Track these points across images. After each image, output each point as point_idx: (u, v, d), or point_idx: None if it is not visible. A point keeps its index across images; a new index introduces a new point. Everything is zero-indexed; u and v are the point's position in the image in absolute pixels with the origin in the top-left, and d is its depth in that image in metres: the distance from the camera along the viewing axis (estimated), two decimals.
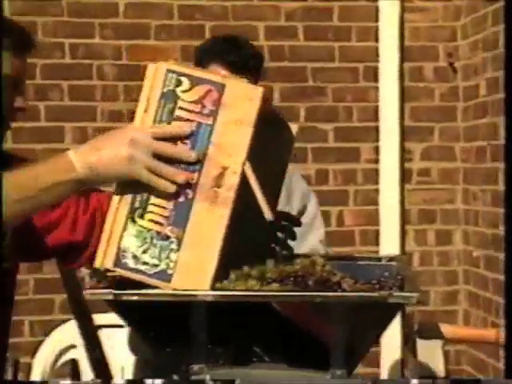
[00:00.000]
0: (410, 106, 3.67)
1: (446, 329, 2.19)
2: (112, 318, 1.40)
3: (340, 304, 1.24)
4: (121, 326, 2.30)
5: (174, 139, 1.25)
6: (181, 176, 1.23)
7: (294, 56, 3.59)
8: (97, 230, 1.55)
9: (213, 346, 1.28)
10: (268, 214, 1.29)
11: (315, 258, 1.39)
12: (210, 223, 1.24)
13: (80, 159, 1.27)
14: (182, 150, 1.24)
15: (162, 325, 1.28)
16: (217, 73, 1.52)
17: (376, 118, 3.64)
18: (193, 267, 1.24)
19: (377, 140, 3.62)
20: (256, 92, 1.25)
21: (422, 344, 2.06)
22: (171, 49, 3.57)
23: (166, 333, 1.28)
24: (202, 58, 2.03)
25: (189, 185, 1.24)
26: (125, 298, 1.21)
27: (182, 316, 1.26)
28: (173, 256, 1.24)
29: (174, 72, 1.27)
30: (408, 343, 1.85)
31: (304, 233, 1.99)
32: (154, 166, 1.24)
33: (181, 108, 1.25)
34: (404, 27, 3.67)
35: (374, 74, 3.63)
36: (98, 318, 2.40)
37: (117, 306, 1.25)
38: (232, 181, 1.24)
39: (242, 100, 1.24)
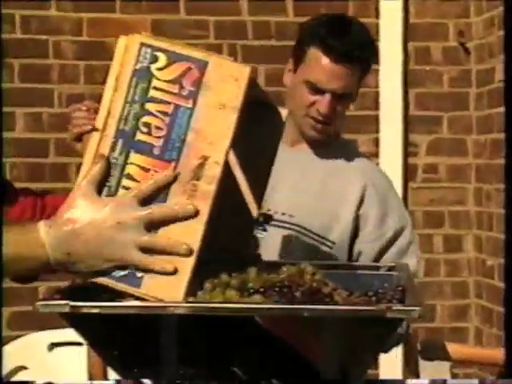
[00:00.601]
0: (415, 93, 3.69)
1: (453, 348, 2.21)
2: (68, 334, 1.40)
3: (331, 319, 1.25)
4: (79, 344, 2.31)
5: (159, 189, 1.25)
6: (182, 246, 1.25)
7: (281, 34, 3.60)
8: None
9: (185, 365, 1.29)
10: (254, 210, 1.30)
11: (304, 265, 1.40)
12: (185, 224, 1.24)
13: (53, 242, 1.26)
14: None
15: (127, 342, 1.28)
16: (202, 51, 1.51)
17: (376, 105, 3.65)
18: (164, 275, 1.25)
19: (377, 131, 3.64)
20: (243, 71, 1.25)
21: (425, 366, 2.07)
22: (140, 24, 3.57)
23: (133, 351, 1.29)
24: (303, 40, 2.04)
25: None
26: (84, 310, 1.22)
27: (150, 332, 1.27)
28: None
29: (149, 46, 1.27)
30: (410, 365, 1.86)
31: (397, 259, 2.02)
32: (148, 243, 1.25)
33: (156, 88, 1.26)
34: (408, 1, 3.69)
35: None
36: (51, 335, 2.40)
37: (74, 320, 1.25)
38: (213, 172, 1.24)
39: (227, 80, 1.24)
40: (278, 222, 2.01)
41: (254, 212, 1.32)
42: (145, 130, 1.26)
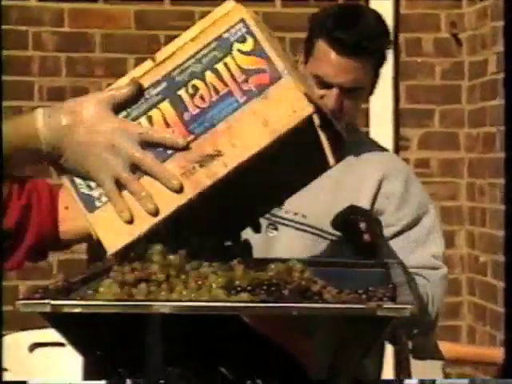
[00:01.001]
0: (406, 85, 3.70)
1: (445, 347, 2.21)
2: (50, 334, 1.40)
3: (320, 317, 1.25)
4: (61, 345, 2.30)
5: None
6: (149, 205, 1.26)
7: (269, 25, 3.58)
8: (33, 217, 1.59)
9: (171, 365, 1.29)
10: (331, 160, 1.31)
11: (292, 263, 1.40)
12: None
13: (48, 135, 1.28)
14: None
15: (110, 341, 1.28)
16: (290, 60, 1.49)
17: (366, 98, 3.65)
18: (118, 219, 1.27)
19: (367, 125, 3.64)
20: (304, 108, 1.25)
21: (417, 365, 2.08)
22: (123, 15, 3.57)
23: (116, 351, 1.29)
24: (312, 32, 2.02)
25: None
26: (66, 309, 1.21)
27: (134, 330, 1.26)
28: None
29: (245, 25, 1.28)
30: (401, 364, 1.87)
31: (413, 247, 2.01)
32: (125, 181, 1.27)
33: (225, 65, 1.27)
34: None
35: None
36: (32, 336, 2.40)
37: (56, 319, 1.25)
38: (217, 170, 1.25)
39: (286, 106, 1.25)
40: (290, 222, 1.99)
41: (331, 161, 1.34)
42: (191, 91, 1.27)
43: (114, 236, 1.27)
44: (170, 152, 1.27)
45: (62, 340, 1.32)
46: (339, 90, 1.96)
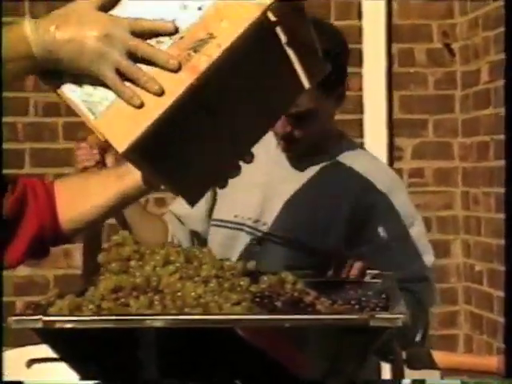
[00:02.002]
0: (400, 95, 3.70)
1: (439, 357, 2.20)
2: (44, 350, 1.40)
3: (313, 329, 1.25)
4: (55, 360, 2.29)
5: (154, 35, 1.27)
6: (154, 86, 1.25)
7: None
8: (31, 209, 1.58)
9: (166, 378, 1.28)
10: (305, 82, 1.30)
11: (285, 274, 1.39)
12: (166, 82, 1.25)
13: (38, 39, 1.28)
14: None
15: (104, 356, 1.27)
16: None
17: (360, 109, 3.66)
18: (124, 115, 1.26)
19: (361, 135, 3.64)
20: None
21: (412, 376, 2.07)
22: None
23: (111, 365, 1.28)
24: None
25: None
26: (58, 325, 1.21)
27: (128, 345, 1.26)
28: (111, 96, 1.27)
29: None
30: (395, 375, 1.86)
31: (400, 260, 1.97)
32: (126, 68, 1.27)
33: None
34: (391, 2, 3.70)
35: (357, 58, 3.65)
36: (26, 352, 2.38)
37: (48, 335, 1.25)
38: (212, 52, 1.25)
39: None
40: (273, 237, 1.99)
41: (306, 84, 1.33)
42: None
43: (123, 133, 1.25)
44: (164, 42, 1.27)
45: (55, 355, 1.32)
46: (284, 117, 1.92)
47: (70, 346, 1.27)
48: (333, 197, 2.00)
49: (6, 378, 2.39)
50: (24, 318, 1.21)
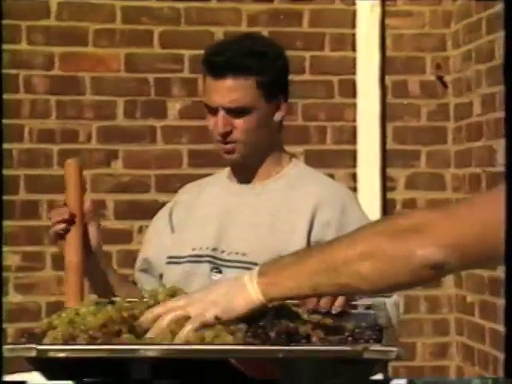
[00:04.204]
0: (393, 126, 3.72)
1: None
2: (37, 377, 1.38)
3: (307, 360, 1.24)
4: None
5: None
6: None
7: (272, 24, 3.61)
8: None
9: None
10: None
11: (282, 306, 1.39)
12: None
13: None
14: None
15: None
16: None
17: (354, 139, 3.67)
18: None
19: (354, 166, 3.65)
20: None
21: None
22: (113, 58, 3.58)
23: None
24: (201, 69, 2.05)
25: None
26: (51, 354, 1.20)
27: (121, 374, 1.25)
28: None
29: None
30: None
31: None
32: None
33: None
34: (386, 35, 3.72)
35: (351, 89, 3.67)
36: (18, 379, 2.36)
37: (41, 364, 1.24)
38: None
39: None
40: (232, 263, 1.99)
41: None
42: None
43: None
44: None
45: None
46: (224, 112, 1.97)
47: (64, 374, 1.26)
48: (289, 217, 2.00)
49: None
50: (17, 346, 1.20)
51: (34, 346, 1.19)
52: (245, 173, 2.06)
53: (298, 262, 1.35)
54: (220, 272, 1.99)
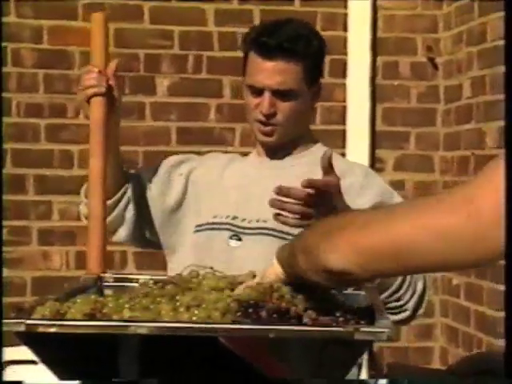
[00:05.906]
0: (383, 108, 3.71)
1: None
2: (23, 352, 1.38)
3: (297, 341, 1.24)
4: (33, 362, 2.27)
5: None
6: None
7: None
8: None
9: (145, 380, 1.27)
10: None
11: (277, 285, 1.38)
12: None
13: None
14: None
15: (86, 361, 1.26)
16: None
17: (343, 120, 3.66)
18: None
19: (343, 146, 3.64)
20: None
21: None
22: None
23: (92, 370, 1.27)
24: (243, 48, 2.09)
25: None
26: (41, 329, 1.19)
27: (110, 351, 1.24)
28: None
29: None
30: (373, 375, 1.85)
31: None
32: None
33: None
34: (377, 15, 3.70)
35: (341, 69, 3.65)
36: (6, 353, 2.36)
37: (30, 338, 1.23)
38: None
39: None
40: (252, 230, 2.01)
41: None
42: None
43: None
44: None
45: (35, 358, 1.30)
46: (270, 94, 2.00)
47: (52, 350, 1.25)
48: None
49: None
50: (6, 321, 1.19)
51: (22, 320, 1.19)
52: (275, 151, 2.10)
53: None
54: (240, 240, 2.00)
